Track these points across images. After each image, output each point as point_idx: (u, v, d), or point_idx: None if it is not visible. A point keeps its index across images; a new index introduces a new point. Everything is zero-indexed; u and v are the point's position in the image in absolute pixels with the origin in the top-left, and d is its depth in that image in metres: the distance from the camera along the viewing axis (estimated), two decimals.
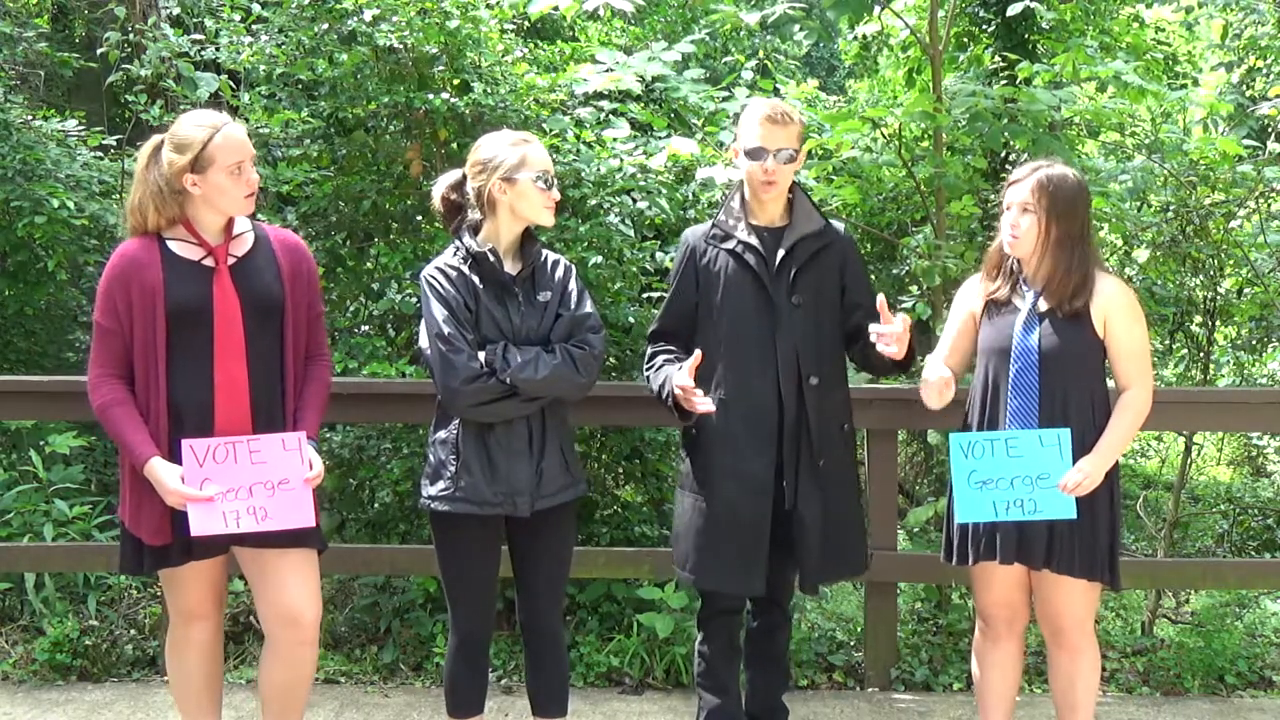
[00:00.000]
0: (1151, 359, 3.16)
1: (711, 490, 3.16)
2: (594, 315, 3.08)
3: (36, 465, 4.92)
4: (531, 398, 2.94)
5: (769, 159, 3.09)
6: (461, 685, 3.16)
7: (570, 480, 3.09)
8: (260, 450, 2.80)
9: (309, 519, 2.85)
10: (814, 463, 3.13)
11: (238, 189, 2.83)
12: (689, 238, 3.28)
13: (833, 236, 3.23)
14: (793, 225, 3.19)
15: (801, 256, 3.15)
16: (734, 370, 3.13)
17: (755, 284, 3.13)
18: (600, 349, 3.05)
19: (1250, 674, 4.30)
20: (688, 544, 3.20)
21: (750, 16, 5.11)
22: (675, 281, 3.27)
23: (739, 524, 3.12)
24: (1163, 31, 9.53)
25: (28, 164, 5.49)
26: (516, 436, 2.98)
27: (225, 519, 2.78)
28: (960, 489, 3.02)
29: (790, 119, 3.13)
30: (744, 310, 3.14)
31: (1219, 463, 8.80)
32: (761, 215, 3.20)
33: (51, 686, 4.14)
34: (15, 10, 6.93)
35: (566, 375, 2.95)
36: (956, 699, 4.09)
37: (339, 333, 4.84)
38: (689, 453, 3.26)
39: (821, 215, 3.25)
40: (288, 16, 4.67)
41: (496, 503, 2.97)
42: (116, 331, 2.82)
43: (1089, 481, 2.93)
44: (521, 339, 2.98)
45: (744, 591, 3.22)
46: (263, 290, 2.89)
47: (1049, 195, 2.96)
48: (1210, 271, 5.53)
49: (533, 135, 3.13)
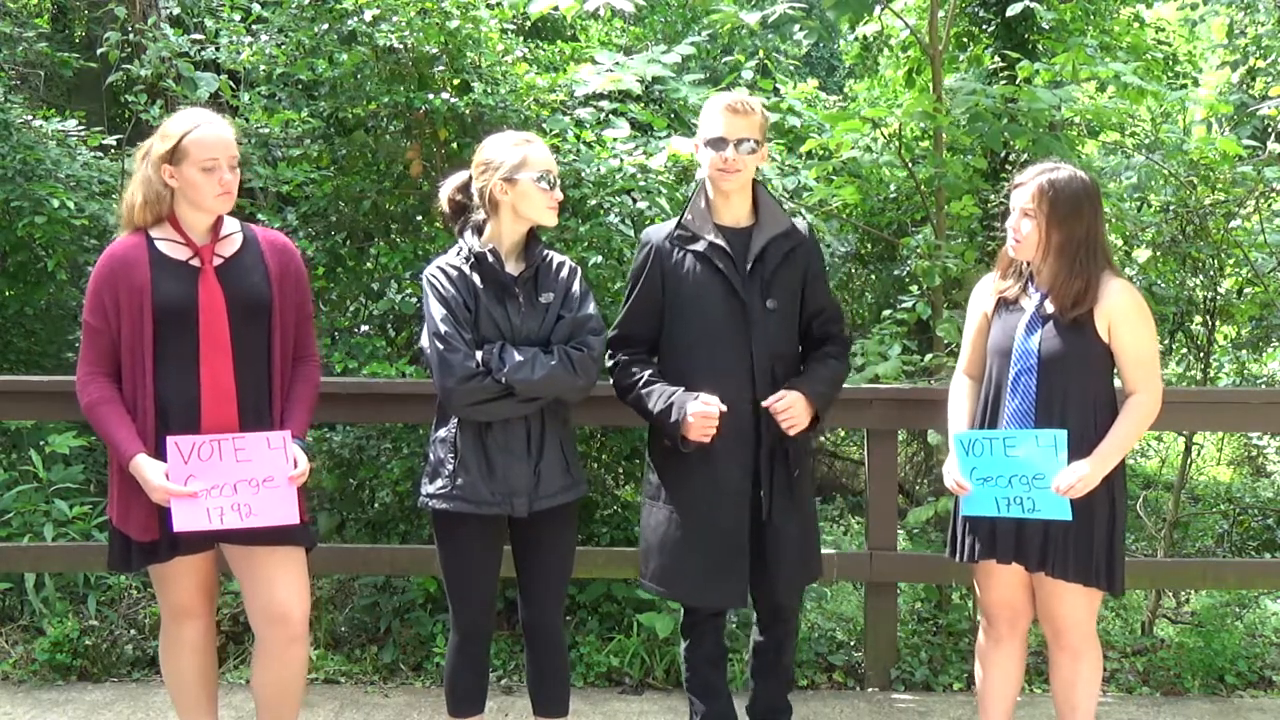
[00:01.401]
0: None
1: (689, 502, 3.10)
2: (596, 318, 3.06)
3: (36, 465, 4.92)
4: (528, 399, 2.94)
5: (729, 149, 3.03)
6: (462, 684, 3.17)
7: (570, 482, 3.08)
8: (245, 448, 2.82)
9: (293, 516, 2.86)
10: (789, 473, 3.11)
11: (209, 186, 2.83)
12: (651, 237, 3.18)
13: (800, 237, 3.16)
14: (760, 225, 3.12)
15: (774, 258, 3.10)
16: (708, 378, 3.05)
17: (725, 287, 3.06)
18: (599, 351, 3.04)
19: (1250, 674, 4.30)
20: (664, 558, 3.13)
21: (750, 16, 5.11)
22: (639, 284, 3.17)
23: (719, 535, 3.07)
24: (1163, 31, 9.53)
25: (28, 164, 5.49)
26: (515, 437, 2.98)
27: (209, 515, 2.80)
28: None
29: (751, 109, 3.07)
30: (716, 315, 3.07)
31: (1219, 463, 8.79)
32: (726, 215, 3.13)
33: (51, 686, 4.14)
34: (15, 10, 6.93)
35: (562, 377, 2.94)
36: (956, 699, 4.09)
37: (339, 333, 4.83)
38: (658, 464, 3.20)
39: (784, 213, 3.19)
40: (288, 16, 4.67)
41: (494, 502, 2.97)
42: (105, 330, 2.85)
43: (1083, 484, 2.91)
44: (521, 339, 2.97)
45: (724, 604, 3.19)
46: (249, 290, 2.90)
47: (1049, 201, 2.94)
48: (1210, 271, 5.52)
49: (535, 135, 3.12)
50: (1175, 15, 9.80)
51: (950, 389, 3.27)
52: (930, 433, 4.65)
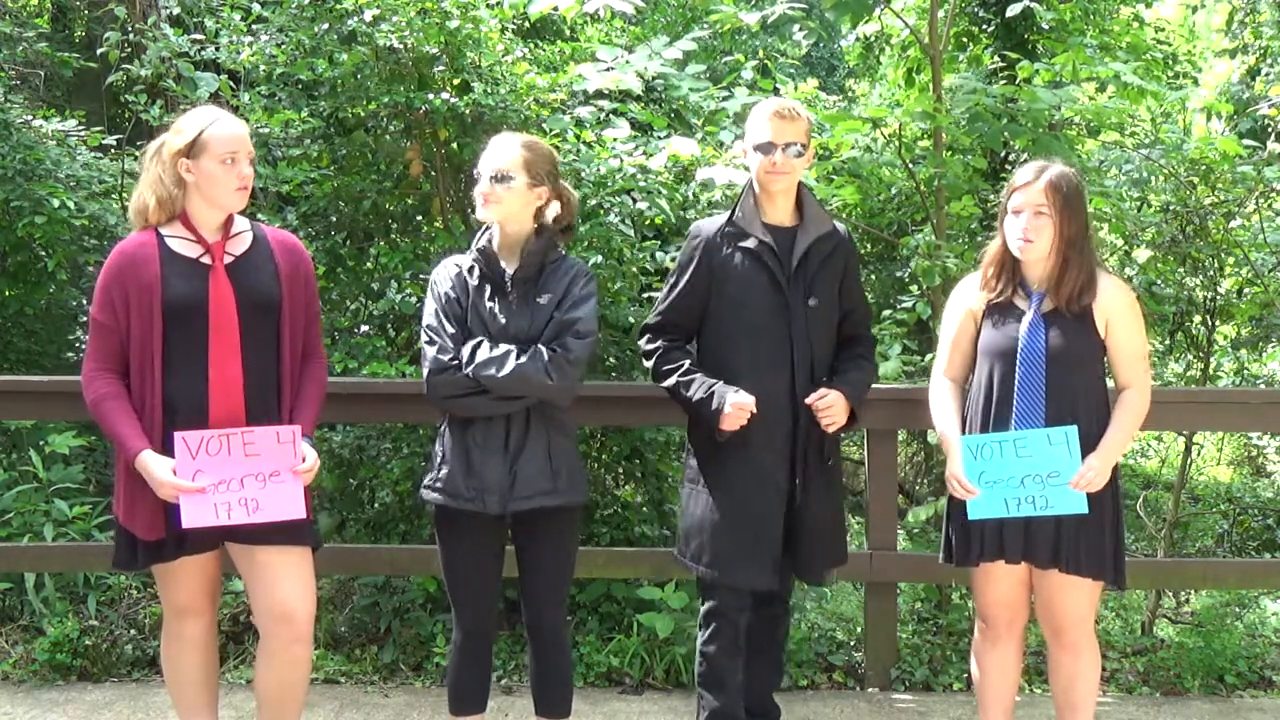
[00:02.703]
0: (1150, 359, 3.18)
1: (726, 486, 3.20)
2: (584, 320, 3.02)
3: (36, 465, 4.92)
4: (503, 397, 2.95)
5: (778, 153, 3.13)
6: (463, 682, 3.18)
7: (553, 486, 3.03)
8: (254, 442, 2.83)
9: (300, 510, 2.87)
10: (823, 462, 3.22)
11: (229, 179, 2.84)
12: (703, 230, 3.26)
13: (839, 239, 3.28)
14: (805, 226, 3.22)
15: (817, 259, 3.20)
16: (751, 370, 3.16)
17: (772, 284, 3.16)
18: (578, 353, 2.99)
19: (1250, 674, 4.30)
20: (705, 537, 3.22)
21: (750, 16, 5.11)
22: (686, 274, 3.25)
23: (754, 519, 3.17)
24: (1163, 31, 9.54)
25: (28, 164, 5.49)
26: (493, 435, 3.00)
27: (216, 511, 2.81)
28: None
29: (798, 115, 3.18)
30: (762, 310, 3.16)
31: (1219, 463, 8.79)
32: (772, 214, 3.23)
33: (51, 686, 4.14)
34: (15, 10, 6.93)
35: (531, 377, 2.93)
36: (956, 699, 4.09)
37: (339, 333, 4.83)
38: (698, 450, 3.30)
39: (826, 215, 3.30)
40: (288, 16, 4.67)
41: (469, 498, 3.00)
42: (113, 328, 2.84)
43: (1099, 479, 2.95)
44: (508, 337, 2.99)
45: (757, 585, 3.24)
46: (259, 289, 2.90)
47: (1062, 196, 2.97)
48: (1210, 271, 5.53)
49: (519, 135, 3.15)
50: (1176, 11, 9.80)
51: (931, 391, 3.27)
52: (930, 432, 4.65)
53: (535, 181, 3.03)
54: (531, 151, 3.05)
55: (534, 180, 3.02)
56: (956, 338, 3.22)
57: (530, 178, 3.02)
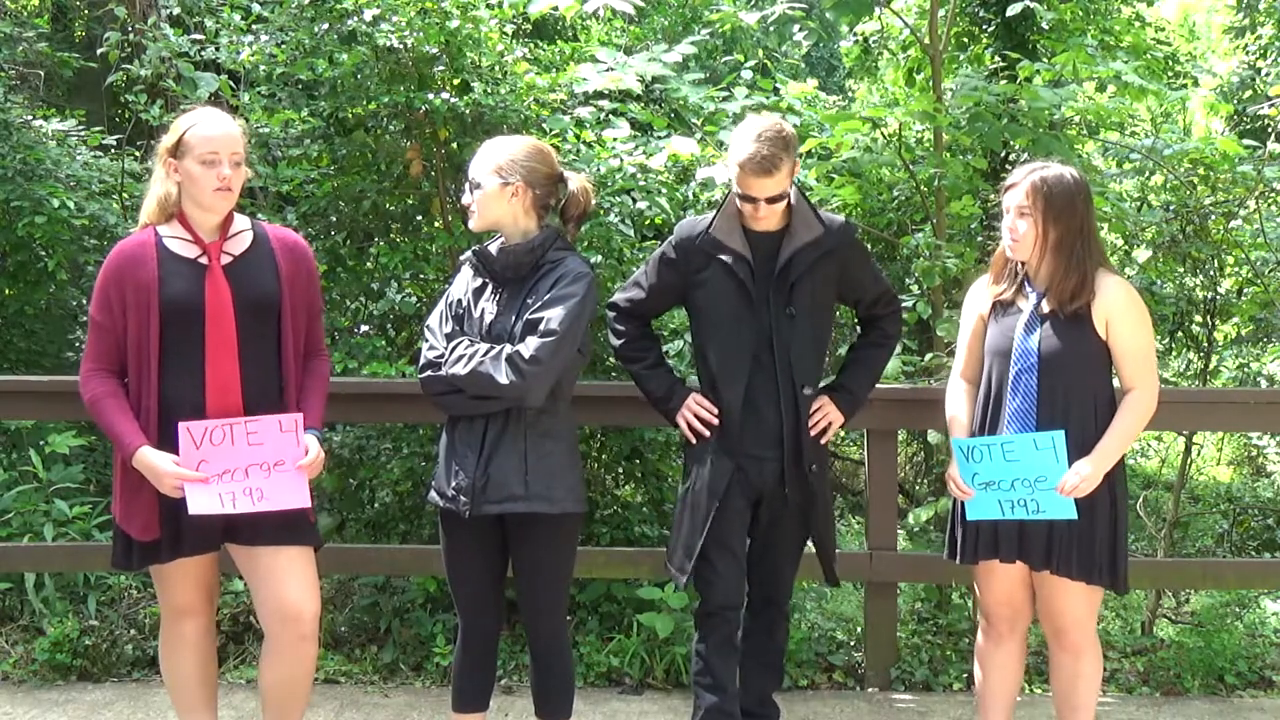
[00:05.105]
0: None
1: (710, 492, 3.20)
2: (552, 320, 2.88)
3: (36, 465, 4.92)
4: (478, 396, 2.92)
5: (761, 206, 3.09)
6: (465, 680, 3.19)
7: (524, 492, 2.93)
8: (257, 431, 2.83)
9: (304, 500, 2.88)
10: (804, 470, 3.21)
11: (207, 180, 2.83)
12: (683, 234, 3.24)
13: (831, 244, 3.19)
14: (791, 233, 3.17)
15: (799, 267, 3.15)
16: (732, 379, 3.16)
17: (740, 294, 3.15)
18: (536, 353, 2.85)
19: (1250, 674, 4.30)
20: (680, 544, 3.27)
21: (750, 16, 5.11)
22: (659, 272, 3.27)
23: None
24: (1163, 31, 9.53)
25: (28, 164, 5.48)
26: (472, 435, 3.00)
27: (221, 499, 2.81)
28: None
29: (778, 165, 3.01)
30: (739, 319, 3.15)
31: (1219, 463, 8.79)
32: (757, 223, 3.20)
33: (51, 686, 4.14)
34: (15, 10, 6.93)
35: (485, 375, 2.88)
36: (956, 699, 4.09)
37: (339, 333, 4.84)
38: (686, 454, 3.33)
39: (819, 219, 3.21)
40: (288, 16, 4.67)
41: (449, 497, 3.02)
42: (111, 327, 2.85)
43: (1085, 484, 2.92)
44: (492, 337, 2.98)
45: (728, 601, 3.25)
46: (258, 289, 2.90)
47: (1044, 198, 2.96)
48: (1210, 271, 5.53)
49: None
50: (1175, 14, 9.80)
51: (947, 393, 3.28)
52: (930, 433, 4.65)
53: (506, 180, 2.98)
54: (496, 151, 3.01)
55: (505, 180, 2.98)
56: (969, 342, 3.22)
57: (501, 178, 2.98)
